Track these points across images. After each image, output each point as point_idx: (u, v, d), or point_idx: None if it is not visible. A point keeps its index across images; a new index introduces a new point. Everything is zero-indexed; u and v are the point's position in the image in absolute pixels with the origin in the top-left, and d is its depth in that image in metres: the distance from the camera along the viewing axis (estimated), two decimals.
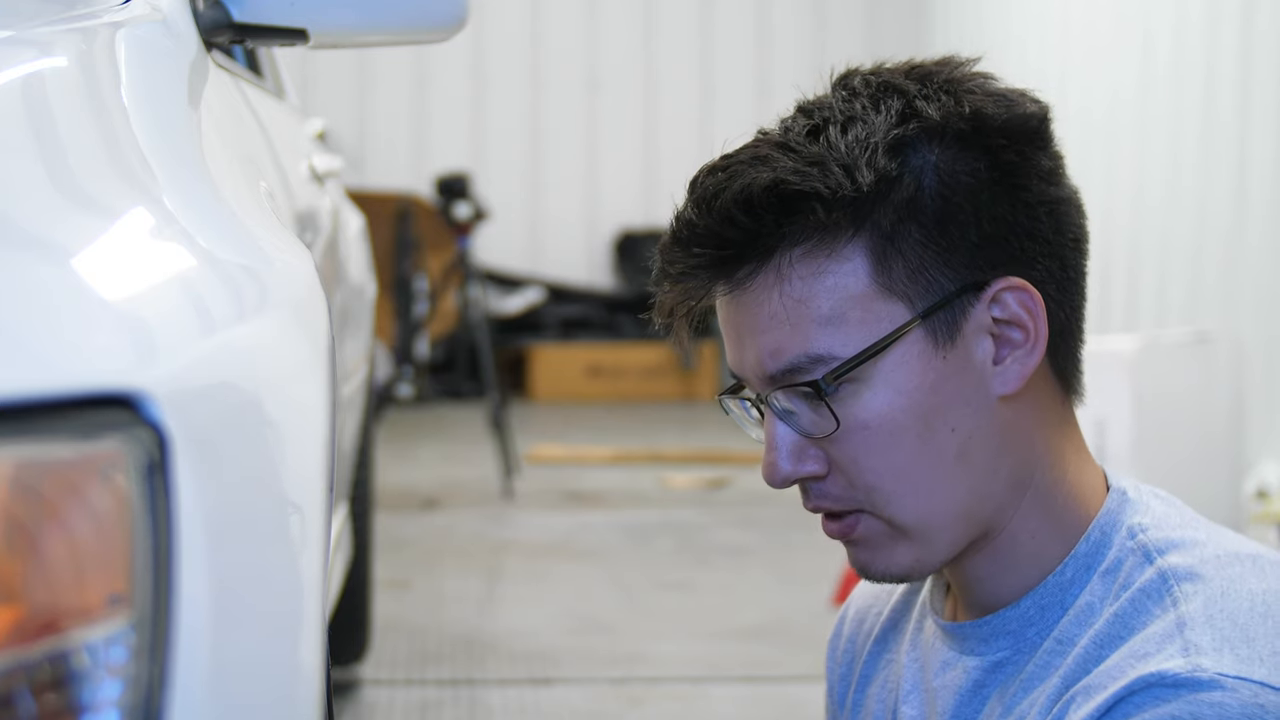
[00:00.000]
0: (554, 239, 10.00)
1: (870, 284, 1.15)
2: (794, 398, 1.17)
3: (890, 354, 1.15)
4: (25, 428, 0.86)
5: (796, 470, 1.18)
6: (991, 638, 1.22)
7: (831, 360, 1.15)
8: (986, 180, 1.16)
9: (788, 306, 1.15)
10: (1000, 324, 1.17)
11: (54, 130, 1.20)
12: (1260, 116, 5.45)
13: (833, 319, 1.15)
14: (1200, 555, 1.15)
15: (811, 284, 1.15)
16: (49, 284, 0.94)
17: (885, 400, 1.16)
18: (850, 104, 1.17)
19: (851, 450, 1.17)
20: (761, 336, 1.17)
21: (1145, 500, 1.21)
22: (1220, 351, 4.60)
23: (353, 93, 9.76)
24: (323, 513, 1.14)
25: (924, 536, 1.18)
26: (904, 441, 1.16)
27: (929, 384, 1.16)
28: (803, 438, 1.18)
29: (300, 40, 1.84)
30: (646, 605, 4.41)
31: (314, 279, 1.29)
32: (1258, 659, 1.07)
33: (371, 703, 3.50)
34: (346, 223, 3.24)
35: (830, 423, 1.16)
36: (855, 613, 1.43)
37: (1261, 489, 4.86)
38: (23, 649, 0.85)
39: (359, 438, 3.36)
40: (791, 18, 10.12)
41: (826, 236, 1.14)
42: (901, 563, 1.19)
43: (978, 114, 1.16)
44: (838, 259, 1.15)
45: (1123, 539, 1.18)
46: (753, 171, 1.14)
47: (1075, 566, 1.19)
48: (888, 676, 1.35)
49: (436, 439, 7.62)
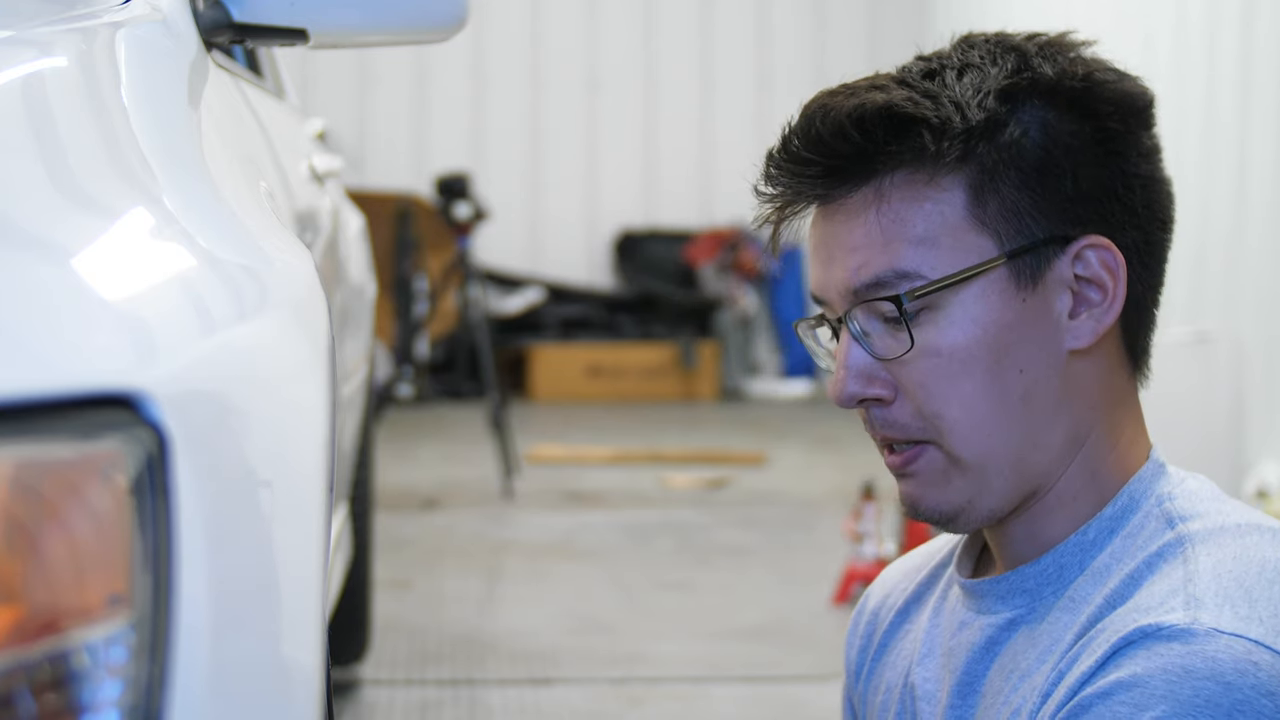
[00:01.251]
0: (554, 239, 10.00)
1: (965, 215, 1.19)
2: (872, 318, 1.20)
3: (973, 285, 1.19)
4: (25, 428, 0.86)
5: (864, 391, 1.21)
6: (1009, 595, 1.24)
7: (917, 279, 1.18)
8: (1090, 141, 1.20)
9: (883, 224, 1.19)
10: (1081, 281, 1.21)
11: (54, 130, 1.20)
12: (1260, 116, 5.45)
13: (925, 241, 1.19)
14: (1220, 523, 1.17)
15: (909, 205, 1.19)
16: (49, 284, 0.94)
17: (961, 330, 1.19)
18: (968, 54, 1.23)
19: (921, 375, 1.20)
20: (853, 251, 1.20)
21: (1180, 476, 1.24)
22: (1220, 351, 4.60)
23: (353, 93, 9.76)
24: (323, 513, 1.14)
25: (980, 474, 1.21)
26: (973, 373, 1.19)
27: (1005, 322, 1.19)
28: (874, 361, 1.21)
29: (300, 40, 1.84)
30: (646, 605, 4.41)
31: (314, 279, 1.29)
32: (1256, 619, 1.09)
33: (371, 703, 3.50)
34: (346, 223, 3.24)
35: (905, 343, 1.19)
36: (882, 589, 1.45)
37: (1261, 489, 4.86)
38: (23, 649, 0.85)
39: (359, 438, 3.36)
40: (791, 17, 10.11)
41: (929, 164, 1.18)
42: (954, 500, 1.22)
43: (1089, 78, 1.21)
44: (937, 187, 1.19)
45: (1150, 505, 1.21)
46: (868, 94, 1.19)
47: (1099, 528, 1.21)
48: (904, 646, 1.37)
49: (436, 439, 7.62)
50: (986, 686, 1.24)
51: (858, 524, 4.27)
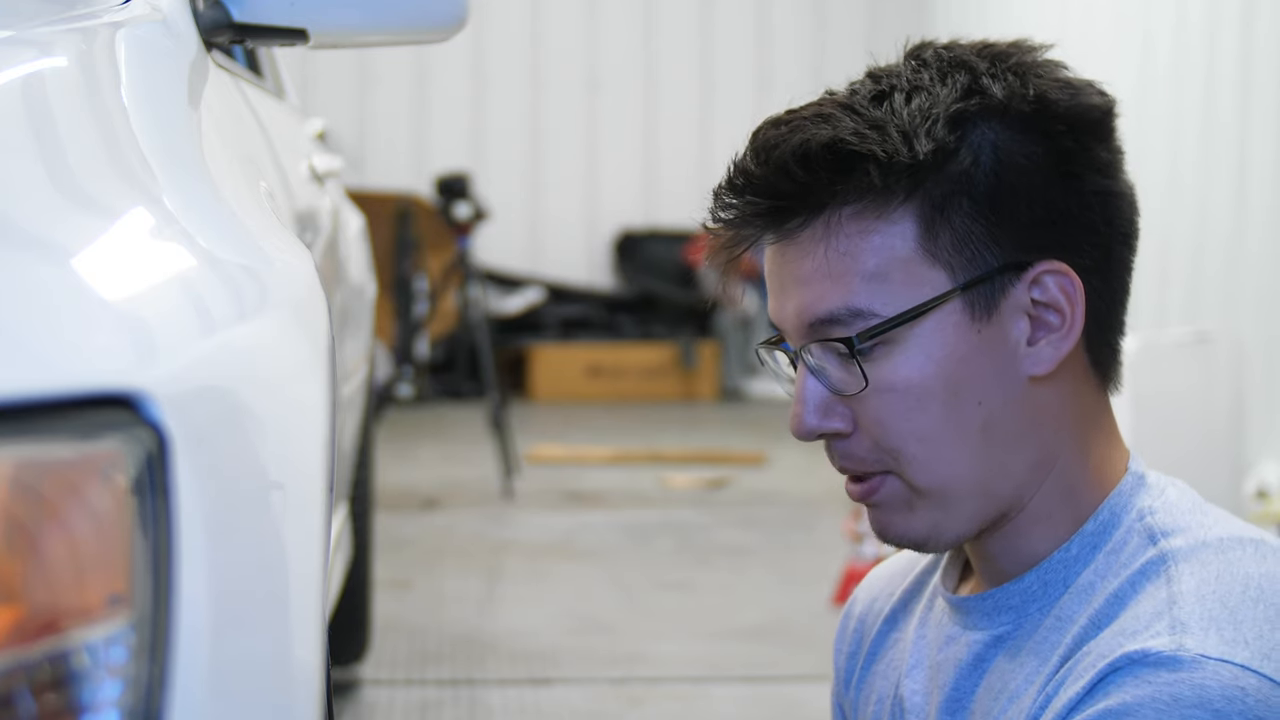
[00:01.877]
0: (554, 239, 10.00)
1: (916, 249, 1.17)
2: (827, 353, 1.19)
3: (927, 320, 1.17)
4: (25, 428, 0.86)
5: (821, 425, 1.20)
6: (994, 611, 1.23)
7: (870, 316, 1.17)
8: (1042, 164, 1.17)
9: (833, 260, 1.17)
10: (1038, 306, 1.18)
11: (54, 130, 1.20)
12: (1260, 117, 5.45)
13: (876, 276, 1.17)
14: (1202, 538, 1.16)
15: (859, 241, 1.17)
16: (49, 284, 0.94)
17: (916, 365, 1.17)
18: (918, 74, 1.19)
19: (877, 411, 1.18)
20: (804, 287, 1.19)
21: (1160, 486, 1.22)
22: (1220, 351, 4.60)
23: (353, 93, 9.75)
24: (323, 513, 1.14)
25: (943, 503, 1.20)
26: (930, 407, 1.18)
27: (960, 355, 1.18)
28: (831, 395, 1.19)
29: (300, 40, 1.84)
30: (646, 605, 4.41)
31: (314, 279, 1.29)
32: (1242, 641, 1.07)
33: (371, 703, 3.50)
34: (346, 223, 3.24)
35: (859, 381, 1.18)
36: (868, 594, 1.44)
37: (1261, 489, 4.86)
38: (23, 649, 0.85)
39: (359, 438, 3.36)
40: (791, 17, 10.12)
41: (878, 198, 1.16)
42: (918, 528, 1.21)
43: (1041, 98, 1.17)
44: (887, 220, 1.17)
45: (1131, 520, 1.19)
46: (813, 128, 1.16)
47: (1081, 544, 1.20)
48: (894, 655, 1.36)
49: (436, 439, 7.62)
50: (975, 705, 1.23)
51: (858, 524, 4.26)
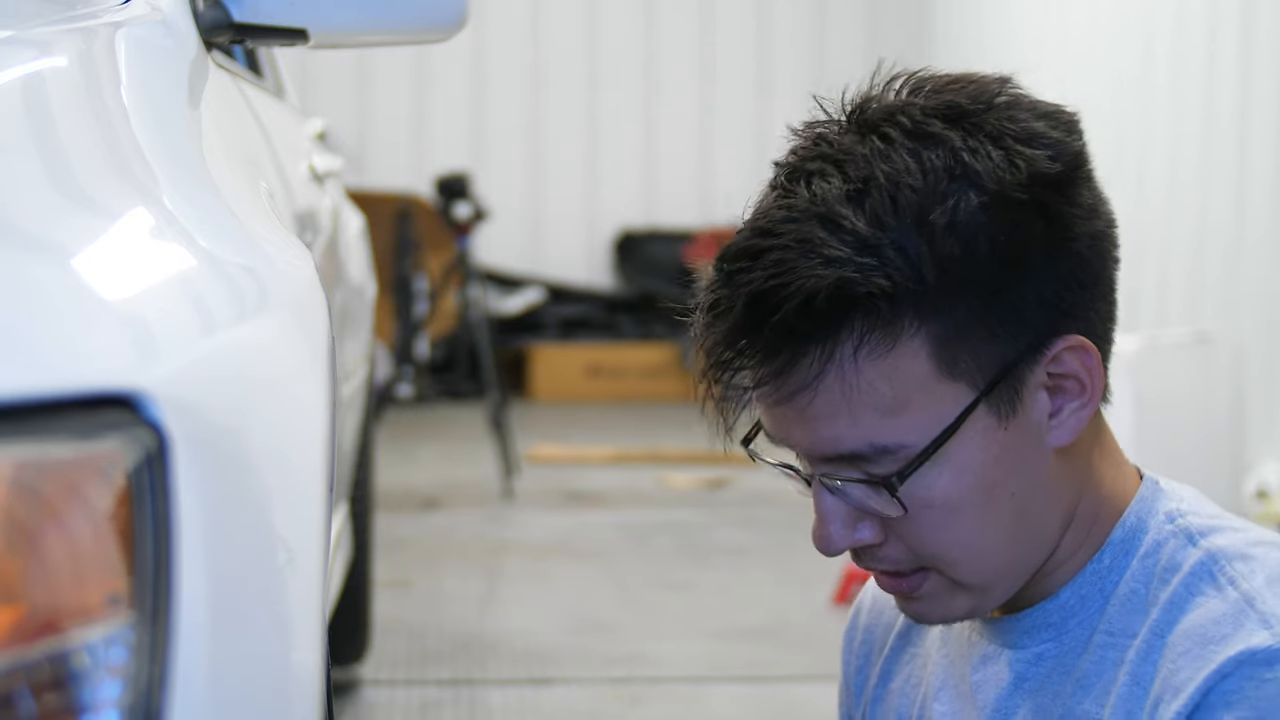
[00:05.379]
0: (554, 239, 9.99)
1: (931, 367, 1.11)
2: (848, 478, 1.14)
3: (956, 437, 1.12)
4: (25, 428, 0.86)
5: (852, 540, 1.16)
6: (1033, 630, 1.21)
7: (897, 449, 1.12)
8: (1040, 240, 1.12)
9: (847, 396, 1.11)
10: (1055, 377, 1.15)
11: (54, 130, 1.20)
12: (1260, 117, 5.45)
13: (895, 408, 1.11)
14: (1244, 539, 1.15)
15: (871, 373, 1.11)
16: (49, 284, 0.94)
17: (949, 480, 1.13)
18: (888, 159, 1.11)
19: (916, 528, 1.15)
20: (816, 424, 1.13)
21: (1176, 489, 1.21)
22: (1220, 351, 4.60)
23: (353, 93, 9.75)
24: (323, 513, 1.14)
25: (985, 590, 1.18)
26: (968, 515, 1.14)
27: (993, 458, 1.14)
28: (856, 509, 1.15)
29: (300, 40, 1.84)
30: (646, 605, 4.41)
31: (314, 279, 1.29)
32: None
33: (371, 703, 3.50)
34: (346, 223, 3.24)
35: (896, 509, 1.13)
36: (873, 603, 1.40)
37: (1261, 489, 4.86)
38: (23, 649, 0.85)
39: (359, 438, 3.36)
40: (791, 17, 10.11)
41: (887, 328, 1.10)
42: (959, 611, 1.19)
43: (1033, 175, 1.11)
44: (900, 345, 1.10)
45: (1160, 523, 1.18)
46: (805, 265, 1.09)
47: (1112, 553, 1.18)
48: (912, 672, 1.33)
49: (436, 439, 7.62)
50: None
51: None
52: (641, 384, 9.41)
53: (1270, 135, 5.37)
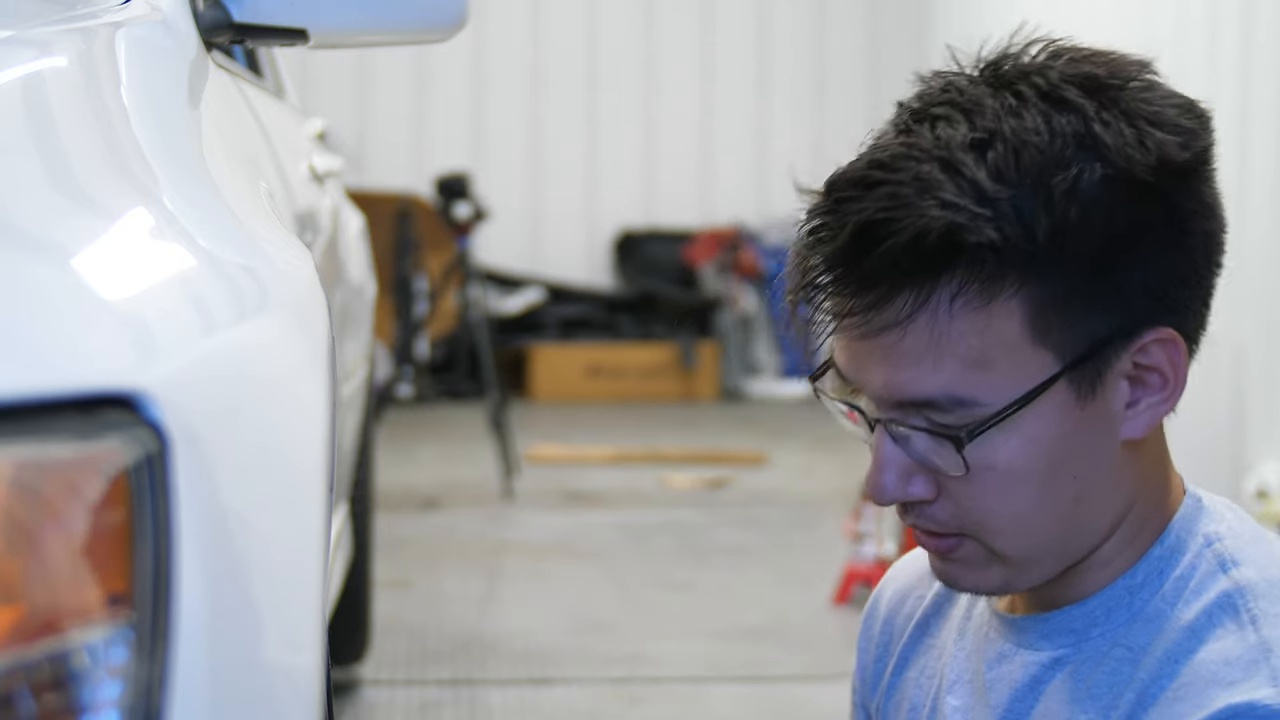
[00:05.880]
0: (554, 239, 9.99)
1: (1023, 331, 1.10)
2: (916, 428, 1.13)
3: (1032, 405, 1.11)
4: (25, 428, 0.86)
5: (904, 493, 1.15)
6: (1054, 634, 1.20)
7: (972, 405, 1.11)
8: (1157, 226, 1.10)
9: (935, 341, 1.10)
10: (1139, 369, 1.14)
11: (54, 130, 1.20)
12: (1260, 117, 5.45)
13: (980, 363, 1.10)
14: (1276, 572, 1.13)
15: (963, 324, 1.09)
16: (49, 284, 0.94)
17: (1016, 448, 1.12)
18: (1018, 117, 1.10)
19: (972, 489, 1.13)
20: (898, 364, 1.11)
21: (1219, 509, 1.19)
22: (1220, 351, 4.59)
23: (353, 93, 9.75)
24: (323, 513, 1.14)
25: (1022, 566, 1.16)
26: (1027, 486, 1.13)
27: (1063, 435, 1.13)
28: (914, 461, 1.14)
29: (300, 40, 1.84)
30: (646, 605, 4.41)
31: (314, 279, 1.29)
32: None
33: (371, 703, 3.50)
34: (346, 223, 3.24)
35: (957, 466, 1.12)
36: (894, 593, 1.39)
37: (1261, 489, 4.86)
38: (23, 649, 0.85)
39: (359, 438, 3.36)
40: (791, 17, 10.11)
41: (989, 283, 1.09)
42: (992, 584, 1.18)
43: (1161, 159, 1.09)
44: (996, 303, 1.09)
45: (1199, 545, 1.16)
46: (920, 203, 1.07)
47: (1147, 570, 1.17)
48: (928, 663, 1.32)
49: (436, 439, 7.62)
50: None
51: (858, 524, 4.26)
52: (641, 384, 9.41)
53: (1270, 135, 5.37)
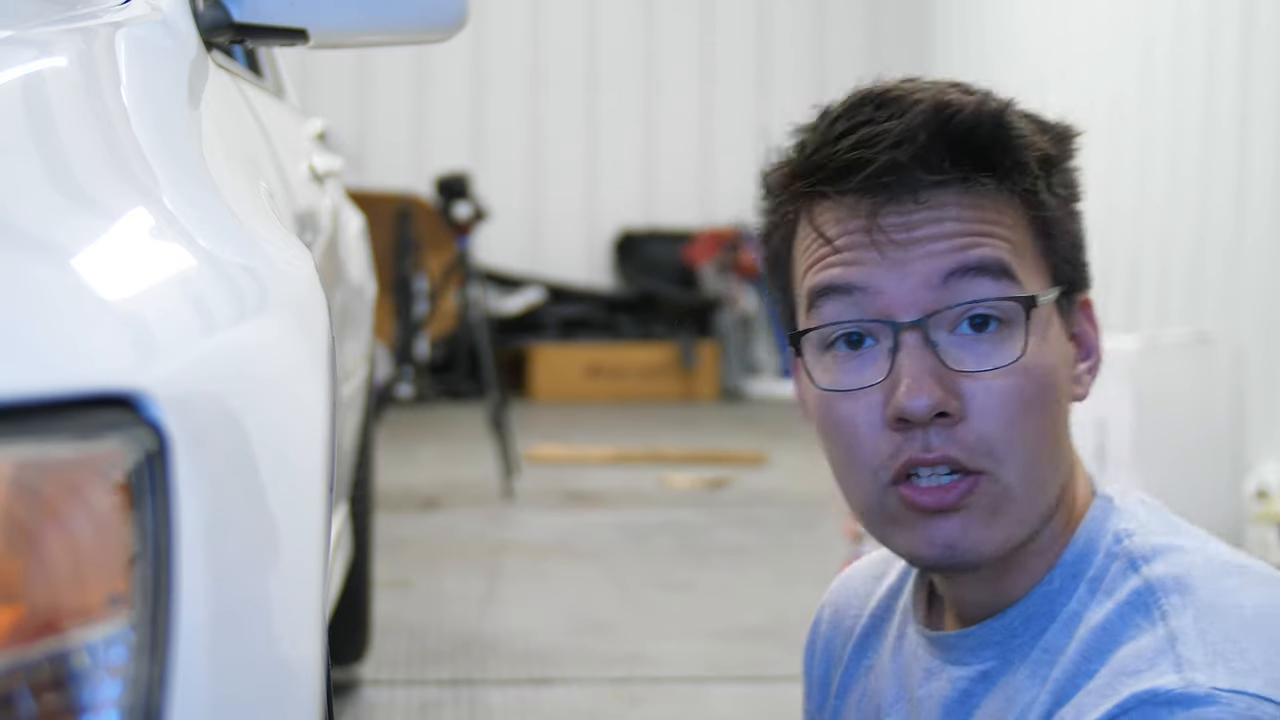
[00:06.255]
0: (554, 239, 10.00)
1: (1034, 241, 1.17)
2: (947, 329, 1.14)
3: (1045, 311, 1.16)
4: (25, 428, 0.86)
5: (944, 401, 1.13)
6: (977, 648, 1.20)
7: (1018, 283, 1.15)
8: (1074, 194, 1.21)
9: (997, 216, 1.16)
10: (1076, 335, 1.21)
11: (54, 130, 1.20)
12: (1260, 116, 5.45)
13: (1019, 249, 1.16)
14: (1187, 564, 1.13)
15: (1012, 213, 1.16)
16: (49, 284, 0.94)
17: (1044, 352, 1.16)
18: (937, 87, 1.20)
19: (1004, 394, 1.13)
20: (948, 237, 1.14)
21: (1130, 507, 1.20)
22: (1220, 351, 4.60)
23: (353, 93, 9.75)
24: (323, 512, 1.14)
25: (1022, 513, 1.15)
26: (1046, 403, 1.15)
27: (1060, 359, 1.18)
28: (946, 371, 1.14)
29: (300, 40, 1.84)
30: (647, 605, 4.41)
31: (314, 279, 1.29)
32: (1251, 670, 1.05)
33: (371, 703, 3.50)
34: (346, 223, 3.24)
35: (1012, 350, 1.14)
36: (832, 614, 1.41)
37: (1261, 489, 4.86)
38: (23, 649, 0.85)
39: (359, 438, 3.36)
40: (791, 17, 10.11)
41: (1022, 187, 1.17)
42: (991, 541, 1.15)
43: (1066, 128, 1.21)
44: (1023, 205, 1.17)
45: (1108, 544, 1.17)
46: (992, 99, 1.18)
47: (1062, 575, 1.18)
48: (868, 684, 1.33)
49: (436, 439, 7.62)
50: None
51: (858, 524, 4.26)
52: (641, 384, 9.41)
53: (1270, 135, 5.37)
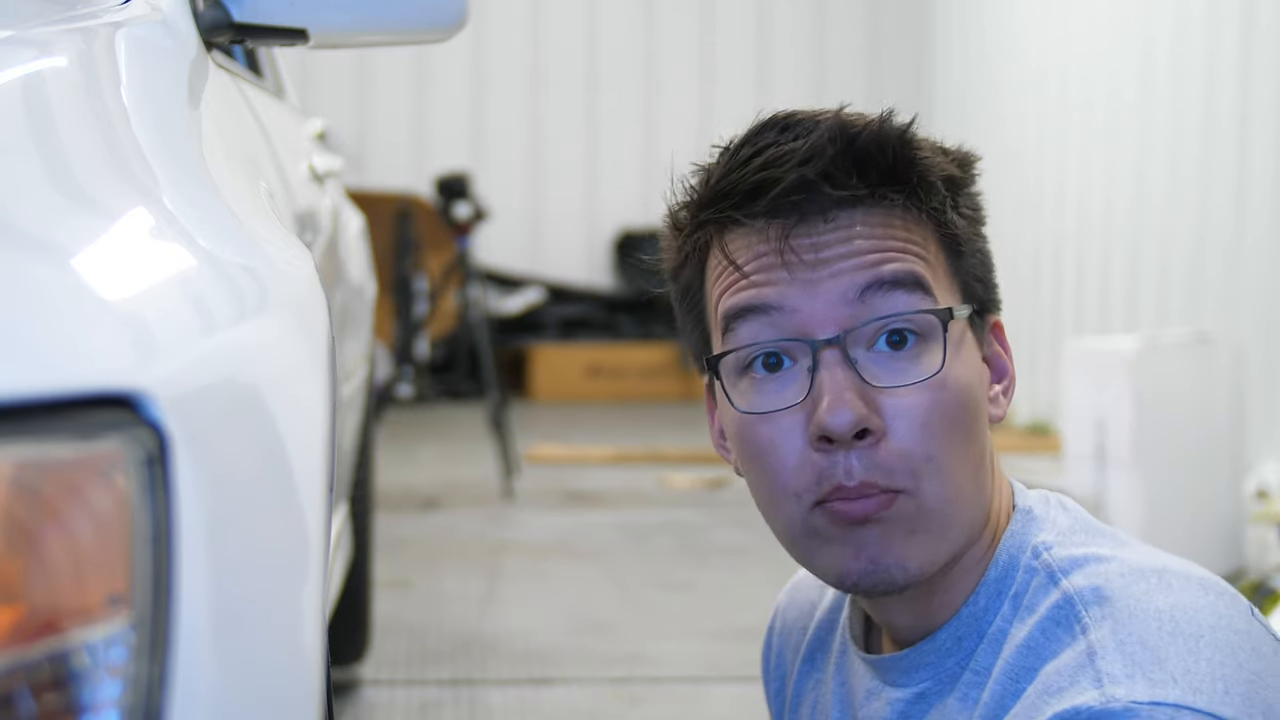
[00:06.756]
0: (554, 239, 10.00)
1: (944, 261, 1.17)
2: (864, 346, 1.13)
3: (958, 327, 1.16)
4: (25, 428, 0.86)
5: (868, 416, 1.12)
6: (911, 670, 1.20)
7: (933, 298, 1.14)
8: (978, 217, 1.21)
9: (909, 233, 1.15)
10: (993, 354, 1.20)
11: (54, 130, 1.20)
12: (1260, 116, 5.45)
13: (932, 265, 1.16)
14: (1105, 574, 1.12)
15: (923, 230, 1.16)
16: (49, 284, 0.94)
17: (961, 369, 1.15)
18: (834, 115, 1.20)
19: (925, 409, 1.12)
20: (861, 254, 1.14)
21: (1051, 515, 1.19)
22: (1220, 351, 4.60)
23: (353, 93, 9.75)
24: (323, 512, 1.14)
25: (941, 532, 1.14)
26: (965, 420, 1.14)
27: (976, 375, 1.17)
28: (867, 387, 1.13)
29: (300, 40, 1.84)
30: (646, 605, 4.41)
31: (314, 279, 1.29)
32: (1170, 680, 1.04)
33: (371, 703, 3.50)
34: (346, 223, 3.24)
35: (933, 363, 1.13)
36: (781, 625, 1.42)
37: (1261, 489, 4.86)
38: (23, 649, 0.85)
39: (359, 438, 3.36)
40: (791, 17, 10.11)
41: (928, 206, 1.16)
42: (914, 557, 1.14)
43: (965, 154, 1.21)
44: (931, 225, 1.17)
45: (1027, 560, 1.16)
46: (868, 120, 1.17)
47: (987, 594, 1.17)
48: (818, 698, 1.33)
49: (436, 439, 7.62)
50: None
51: None
52: (641, 384, 9.41)
53: (1270, 135, 5.37)
